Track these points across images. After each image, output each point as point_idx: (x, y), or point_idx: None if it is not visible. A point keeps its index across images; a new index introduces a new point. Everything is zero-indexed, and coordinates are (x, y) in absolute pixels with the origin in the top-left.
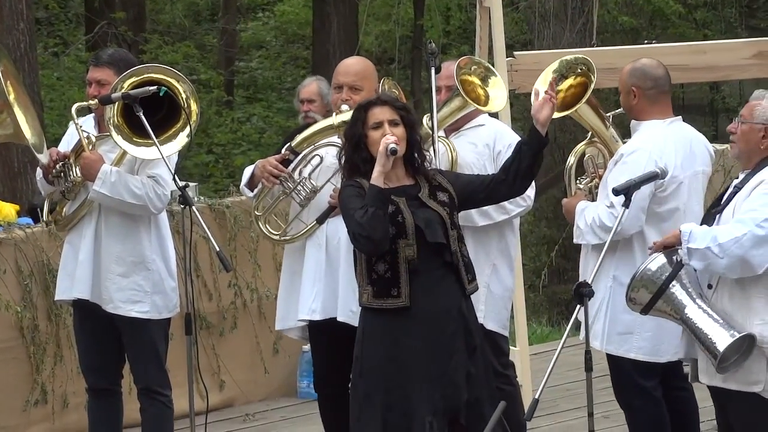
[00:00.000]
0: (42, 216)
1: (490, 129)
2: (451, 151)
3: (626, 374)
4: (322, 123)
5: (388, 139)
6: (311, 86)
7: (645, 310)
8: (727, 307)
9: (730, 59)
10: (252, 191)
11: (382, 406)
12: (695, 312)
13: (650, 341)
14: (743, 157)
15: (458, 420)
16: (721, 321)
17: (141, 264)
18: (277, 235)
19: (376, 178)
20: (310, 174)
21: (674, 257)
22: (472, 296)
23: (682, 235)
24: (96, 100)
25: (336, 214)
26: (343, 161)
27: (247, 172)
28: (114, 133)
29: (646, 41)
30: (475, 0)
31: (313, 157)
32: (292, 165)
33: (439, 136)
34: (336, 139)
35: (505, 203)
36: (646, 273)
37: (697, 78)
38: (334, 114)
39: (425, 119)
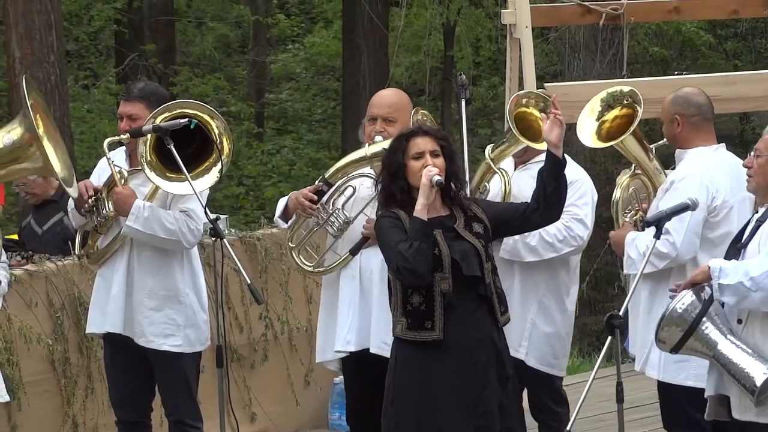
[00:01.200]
0: (74, 249)
1: None
2: (506, 184)
3: (678, 404)
4: (355, 154)
5: (431, 170)
6: None
7: (675, 349)
8: (759, 341)
9: (760, 90)
10: (286, 222)
11: None
12: (728, 348)
13: (707, 368)
14: (761, 191)
15: None
16: (756, 355)
17: (174, 298)
18: (311, 266)
19: (420, 211)
20: (343, 205)
21: (702, 294)
22: (516, 332)
23: (711, 271)
24: (127, 134)
25: (369, 245)
26: (379, 188)
27: (281, 203)
28: (147, 170)
29: (676, 72)
30: (505, 31)
31: (347, 188)
32: (326, 196)
33: (498, 168)
34: (369, 170)
35: (555, 242)
36: (676, 311)
37: (728, 109)
38: (366, 145)
39: (487, 150)
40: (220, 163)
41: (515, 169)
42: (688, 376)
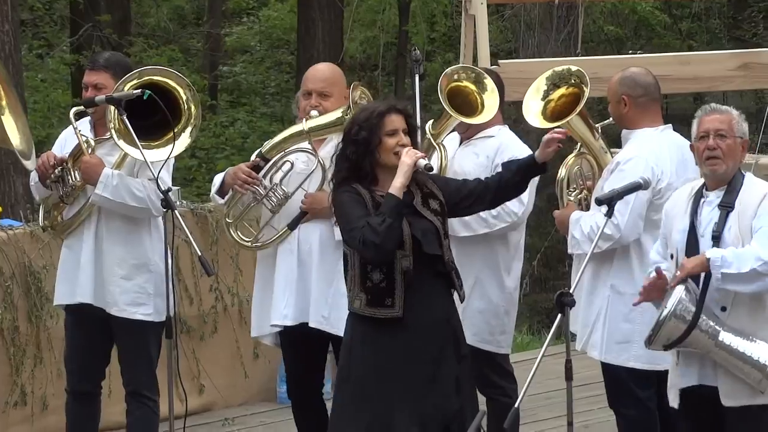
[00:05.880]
0: (39, 220)
1: (497, 141)
2: (442, 159)
3: (622, 383)
4: (292, 129)
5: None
6: None
7: (670, 346)
8: (746, 326)
9: (714, 70)
10: (222, 198)
11: (365, 416)
12: (728, 336)
13: (648, 350)
14: (727, 174)
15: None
16: (750, 337)
17: (143, 266)
18: (248, 241)
19: (398, 189)
20: (281, 180)
21: (690, 287)
22: None
23: (712, 261)
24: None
25: (307, 220)
26: (340, 161)
27: (217, 179)
28: (116, 137)
29: (630, 51)
30: (460, 7)
31: (284, 163)
32: (263, 171)
33: (436, 142)
34: (306, 144)
35: (489, 217)
36: (677, 311)
37: (682, 88)
38: (303, 120)
39: (428, 126)
40: (189, 127)
41: (460, 144)
42: (629, 357)
